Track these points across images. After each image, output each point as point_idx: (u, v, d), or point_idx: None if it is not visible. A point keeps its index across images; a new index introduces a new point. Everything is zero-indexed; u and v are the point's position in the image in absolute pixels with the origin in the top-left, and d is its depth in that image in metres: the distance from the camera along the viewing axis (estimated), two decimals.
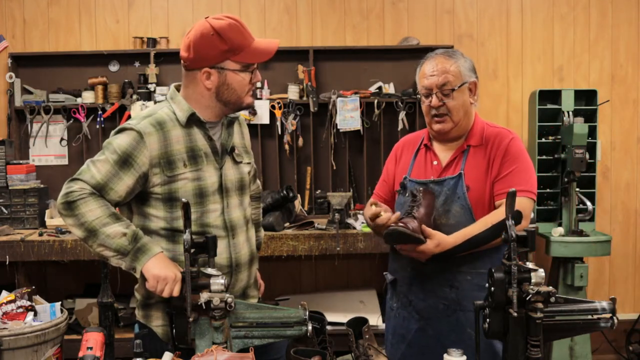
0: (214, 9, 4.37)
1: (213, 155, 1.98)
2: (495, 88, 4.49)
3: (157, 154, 1.89)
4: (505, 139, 2.15)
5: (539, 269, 1.62)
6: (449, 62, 2.14)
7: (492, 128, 2.21)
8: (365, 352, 1.81)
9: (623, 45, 4.48)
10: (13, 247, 3.56)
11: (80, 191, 1.84)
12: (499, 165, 2.11)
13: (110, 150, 1.88)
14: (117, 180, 1.86)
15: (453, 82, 2.12)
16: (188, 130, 1.95)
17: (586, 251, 3.84)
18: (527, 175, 2.11)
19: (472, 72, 2.18)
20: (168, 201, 1.92)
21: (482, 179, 2.11)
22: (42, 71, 4.27)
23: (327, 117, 4.22)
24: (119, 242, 1.81)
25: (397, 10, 4.43)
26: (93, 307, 3.87)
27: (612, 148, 4.51)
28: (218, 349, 1.61)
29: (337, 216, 3.68)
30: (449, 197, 2.13)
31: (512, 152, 2.12)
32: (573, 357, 3.90)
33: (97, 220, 1.82)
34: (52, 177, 4.26)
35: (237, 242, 2.01)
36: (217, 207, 1.97)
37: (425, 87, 2.16)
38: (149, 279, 1.78)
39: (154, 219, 1.94)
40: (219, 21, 1.91)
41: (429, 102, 2.15)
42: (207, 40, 1.88)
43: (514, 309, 1.57)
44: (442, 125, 2.16)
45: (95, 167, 1.87)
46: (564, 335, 1.78)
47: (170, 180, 1.90)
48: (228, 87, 1.94)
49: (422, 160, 2.26)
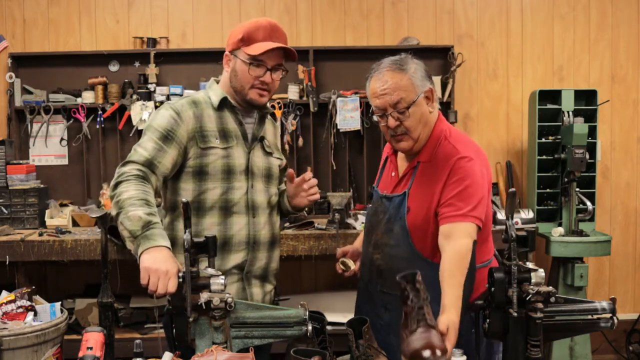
0: (214, 9, 4.38)
1: (243, 139, 2.12)
2: (495, 88, 4.49)
3: (193, 127, 2.04)
4: (452, 158, 1.95)
5: (539, 269, 1.62)
6: (399, 76, 1.96)
7: (447, 144, 2.00)
8: (365, 352, 1.81)
9: (623, 45, 4.48)
10: (13, 247, 3.56)
11: (128, 172, 1.92)
12: (442, 186, 1.94)
13: (151, 130, 2.02)
14: (163, 154, 1.99)
15: (407, 98, 1.96)
16: (220, 113, 2.11)
17: (586, 251, 3.84)
18: (473, 199, 1.90)
19: (425, 79, 2.00)
20: (198, 174, 2.05)
21: (426, 200, 1.96)
22: (42, 71, 4.27)
23: (327, 117, 4.23)
24: (134, 225, 1.78)
25: (397, 10, 4.43)
26: (93, 307, 3.87)
27: (612, 148, 4.51)
28: (218, 349, 1.61)
29: (337, 216, 3.68)
30: (393, 216, 2.04)
31: (457, 173, 1.93)
32: (573, 357, 3.90)
33: (128, 200, 1.84)
34: (52, 177, 4.26)
35: (258, 221, 2.12)
36: (243, 185, 2.09)
37: (377, 107, 2.00)
38: (141, 271, 1.70)
39: (183, 193, 2.06)
40: (258, 19, 2.12)
41: (385, 122, 2.00)
42: (236, 30, 2.09)
43: (514, 309, 1.57)
44: (402, 145, 2.02)
45: (141, 148, 1.99)
46: (564, 335, 1.78)
47: (202, 153, 2.04)
48: (236, 75, 2.08)
49: (387, 169, 2.20)
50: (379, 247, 2.08)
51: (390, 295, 2.03)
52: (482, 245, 2.00)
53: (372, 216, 2.17)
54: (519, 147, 4.50)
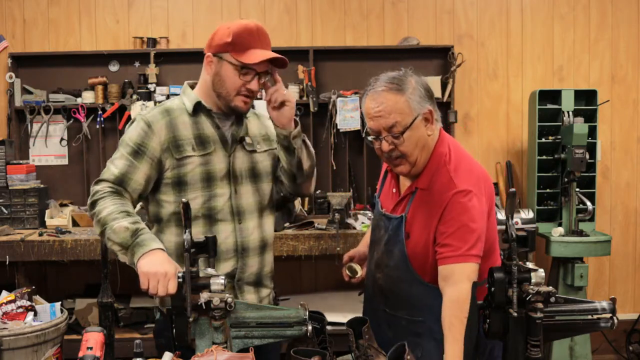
0: (214, 9, 4.38)
1: (222, 143, 2.04)
2: (495, 88, 4.49)
3: (166, 138, 1.98)
4: (448, 192, 1.87)
5: (539, 269, 1.62)
6: (395, 97, 1.86)
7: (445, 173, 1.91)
8: (365, 352, 1.81)
9: (623, 45, 4.48)
10: (13, 247, 3.56)
11: (102, 191, 1.92)
12: (437, 222, 1.88)
13: (123, 145, 1.99)
14: (134, 170, 1.95)
15: (402, 122, 1.86)
16: (196, 119, 2.03)
17: (586, 251, 3.84)
18: (469, 238, 1.83)
19: (425, 100, 1.90)
20: (177, 185, 1.99)
21: (424, 231, 1.91)
22: (42, 71, 4.27)
23: (327, 117, 4.23)
24: (122, 236, 1.81)
25: (397, 10, 4.43)
26: (93, 307, 3.87)
27: (612, 148, 4.51)
28: (218, 349, 1.61)
29: (337, 216, 3.68)
30: (391, 237, 2.00)
31: (453, 210, 1.85)
32: (573, 357, 3.90)
33: (108, 215, 1.85)
34: (52, 177, 4.26)
35: (245, 227, 2.05)
36: (225, 192, 2.02)
37: (371, 129, 1.91)
38: (140, 277, 1.73)
39: (165, 204, 2.01)
40: (241, 21, 2.01)
41: (379, 145, 1.91)
42: (220, 31, 1.98)
43: (514, 309, 1.57)
44: (400, 169, 1.95)
45: (113, 165, 1.97)
46: (564, 335, 1.78)
47: (179, 163, 1.98)
48: (220, 79, 1.99)
49: (388, 182, 2.13)
50: (380, 266, 2.06)
51: (393, 316, 2.03)
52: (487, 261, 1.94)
53: (375, 229, 2.14)
54: (519, 147, 4.50)
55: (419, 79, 1.93)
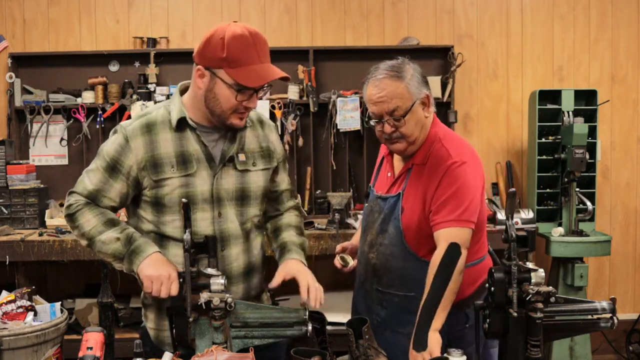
0: (214, 9, 4.37)
1: (207, 162, 1.88)
2: (495, 88, 4.49)
3: (143, 157, 1.85)
4: (444, 163, 1.97)
5: (539, 269, 1.62)
6: (396, 84, 1.97)
7: (440, 147, 2.02)
8: (365, 352, 1.81)
9: (623, 45, 4.48)
10: (13, 247, 3.56)
11: (76, 203, 1.88)
12: (433, 191, 1.96)
13: (100, 157, 1.90)
14: (108, 187, 1.87)
15: (403, 106, 1.97)
16: (180, 134, 1.87)
17: (586, 251, 3.84)
18: (463, 202, 1.92)
19: (422, 86, 2.01)
20: (155, 205, 1.88)
21: (418, 202, 2.00)
22: (42, 71, 4.27)
23: (327, 117, 4.23)
24: (114, 247, 1.81)
25: (397, 10, 4.43)
26: (93, 307, 3.87)
27: (612, 148, 4.51)
28: (218, 349, 1.62)
29: (337, 216, 3.69)
30: (387, 216, 2.07)
31: (448, 178, 1.94)
32: (573, 357, 3.90)
33: (93, 229, 1.84)
34: (52, 177, 4.26)
35: (229, 254, 1.90)
36: (207, 216, 1.87)
37: (374, 113, 2.02)
38: (143, 280, 1.75)
39: (145, 221, 1.92)
40: (235, 29, 1.79)
41: (381, 128, 2.02)
42: (213, 41, 1.80)
43: (514, 309, 1.57)
44: (397, 146, 2.04)
45: (87, 177, 1.90)
46: (564, 335, 1.78)
47: (156, 184, 1.85)
48: (214, 96, 1.81)
49: (383, 169, 2.22)
50: (374, 246, 2.12)
51: (385, 293, 2.10)
52: (476, 244, 2.04)
53: (368, 215, 2.20)
54: (519, 147, 4.50)
55: (415, 66, 2.04)
